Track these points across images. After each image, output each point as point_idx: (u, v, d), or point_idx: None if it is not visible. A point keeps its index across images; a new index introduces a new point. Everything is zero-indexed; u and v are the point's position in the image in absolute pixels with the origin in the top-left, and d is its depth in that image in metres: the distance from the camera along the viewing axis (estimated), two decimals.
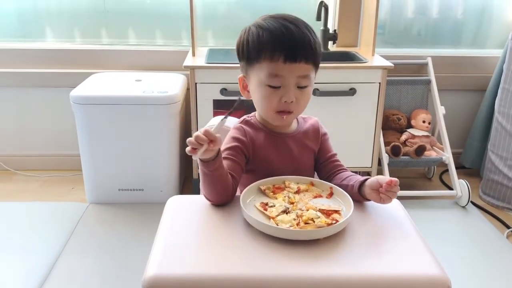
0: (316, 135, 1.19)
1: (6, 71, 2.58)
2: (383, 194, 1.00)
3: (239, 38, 1.11)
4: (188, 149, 0.95)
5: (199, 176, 1.07)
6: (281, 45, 1.03)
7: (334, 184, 1.09)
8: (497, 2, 2.77)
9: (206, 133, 0.93)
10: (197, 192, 1.32)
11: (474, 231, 2.21)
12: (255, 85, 1.09)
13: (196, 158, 0.96)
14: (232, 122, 1.27)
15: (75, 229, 2.12)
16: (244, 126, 1.15)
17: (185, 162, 2.59)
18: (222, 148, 1.12)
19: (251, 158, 1.13)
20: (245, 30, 1.10)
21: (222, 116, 1.00)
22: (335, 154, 1.20)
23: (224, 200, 1.05)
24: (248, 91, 1.13)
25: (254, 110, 1.18)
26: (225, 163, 1.06)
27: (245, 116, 1.19)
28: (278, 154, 1.14)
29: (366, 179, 1.05)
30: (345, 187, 1.07)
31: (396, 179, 0.99)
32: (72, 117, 2.28)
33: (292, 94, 1.06)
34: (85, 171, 2.33)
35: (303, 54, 1.04)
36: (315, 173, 1.23)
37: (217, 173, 1.00)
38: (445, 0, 2.76)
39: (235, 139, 1.12)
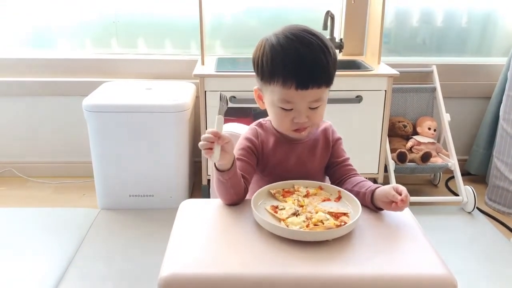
0: (327, 142, 1.21)
1: (20, 80, 2.64)
2: (399, 209, 1.03)
3: (255, 51, 1.11)
4: (204, 152, 0.99)
5: (208, 182, 1.11)
6: (293, 73, 1.03)
7: (345, 189, 1.11)
8: (501, 10, 2.81)
9: (209, 131, 0.97)
10: (206, 197, 1.36)
11: (480, 236, 2.23)
12: (268, 103, 1.12)
13: (214, 160, 1.00)
14: (243, 129, 1.31)
15: (86, 234, 2.16)
16: (258, 129, 1.19)
17: (195, 168, 2.64)
18: (236, 147, 1.16)
19: (260, 160, 1.17)
20: (261, 44, 1.09)
21: (218, 116, 1.02)
22: (347, 159, 1.22)
23: (235, 202, 1.09)
24: (263, 102, 1.16)
25: (264, 116, 1.22)
26: (238, 164, 1.09)
27: (260, 120, 1.23)
28: (286, 159, 1.17)
29: (376, 189, 1.07)
30: (356, 194, 1.09)
31: (406, 192, 1.01)
32: (84, 125, 2.33)
33: (303, 116, 1.08)
34: (97, 178, 2.37)
35: (315, 81, 1.04)
36: (327, 177, 1.25)
37: (231, 181, 1.04)
38: (450, 9, 2.80)
39: (247, 139, 1.16)
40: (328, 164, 1.22)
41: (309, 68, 1.03)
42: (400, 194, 1.01)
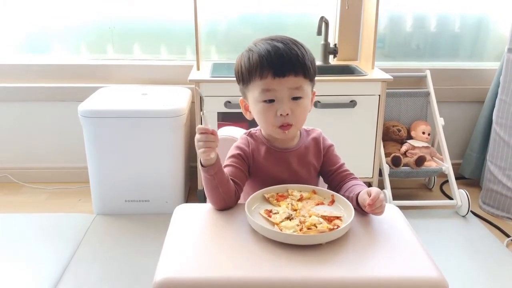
0: (318, 150, 1.22)
1: (15, 86, 2.64)
2: (372, 212, 1.04)
3: (235, 64, 1.17)
4: (203, 151, 1.03)
5: (203, 187, 1.12)
6: (269, 63, 1.08)
7: (341, 195, 1.12)
8: (493, 16, 2.84)
9: (203, 130, 1.02)
10: (202, 202, 1.37)
11: (474, 240, 2.25)
12: (252, 104, 1.15)
13: (213, 155, 1.04)
14: (238, 133, 1.33)
15: (82, 240, 2.16)
16: (249, 138, 1.21)
17: (190, 173, 2.64)
18: (228, 155, 1.19)
19: (251, 169, 1.19)
20: (239, 56, 1.15)
21: (201, 112, 1.07)
22: (342, 164, 1.23)
23: (226, 205, 1.10)
24: (250, 112, 1.19)
25: (251, 125, 1.24)
26: (229, 170, 1.13)
27: (251, 129, 1.24)
28: (277, 168, 1.18)
29: (359, 193, 1.08)
30: (347, 199, 1.10)
31: (376, 194, 1.02)
32: (79, 131, 2.33)
33: (286, 106, 1.10)
34: (92, 183, 2.37)
35: (291, 68, 1.08)
36: (321, 182, 1.27)
37: (217, 177, 1.06)
38: (443, 14, 2.82)
39: (238, 148, 1.19)
40: (324, 173, 1.24)
41: (284, 57, 1.08)
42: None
